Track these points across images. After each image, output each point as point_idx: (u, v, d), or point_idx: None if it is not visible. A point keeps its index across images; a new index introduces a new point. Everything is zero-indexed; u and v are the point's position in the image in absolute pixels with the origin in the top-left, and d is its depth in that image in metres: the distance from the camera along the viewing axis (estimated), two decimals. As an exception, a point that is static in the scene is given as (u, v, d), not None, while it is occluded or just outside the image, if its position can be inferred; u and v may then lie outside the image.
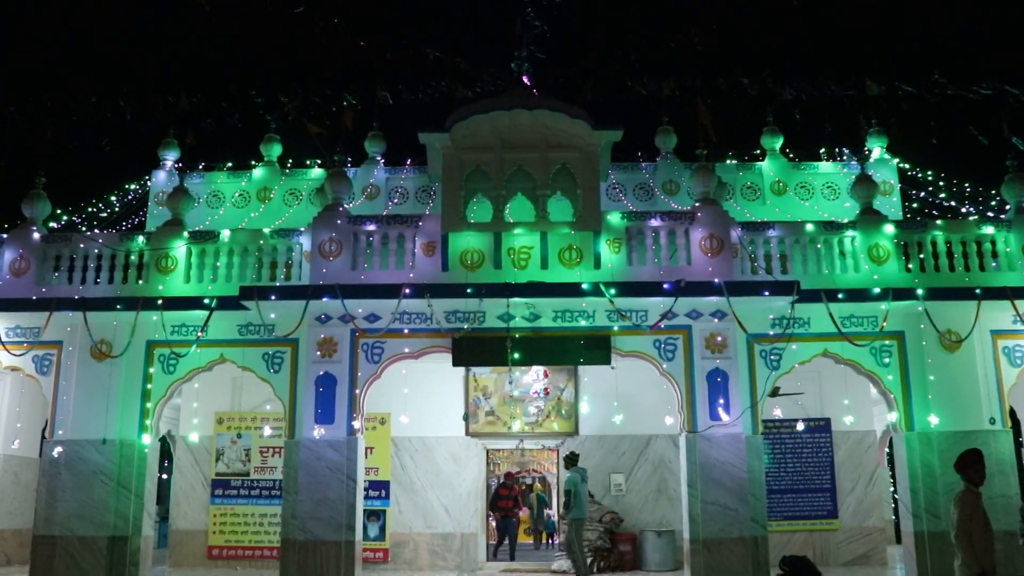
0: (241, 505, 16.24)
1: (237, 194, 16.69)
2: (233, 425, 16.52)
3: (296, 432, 12.80)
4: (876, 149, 16.87)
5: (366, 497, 15.79)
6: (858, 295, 12.75)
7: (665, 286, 12.32)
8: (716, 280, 12.49)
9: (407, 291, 12.26)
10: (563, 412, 16.19)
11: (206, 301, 12.87)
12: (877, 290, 12.75)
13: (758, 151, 16.88)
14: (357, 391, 12.79)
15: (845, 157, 16.73)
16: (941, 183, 16.16)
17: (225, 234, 13.74)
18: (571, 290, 12.32)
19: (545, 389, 14.35)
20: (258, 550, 16.00)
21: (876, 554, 15.84)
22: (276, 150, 17.11)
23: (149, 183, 17.16)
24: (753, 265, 13.21)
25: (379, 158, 16.68)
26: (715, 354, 12.76)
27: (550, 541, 24.74)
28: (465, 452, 16.18)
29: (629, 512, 15.82)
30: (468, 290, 12.25)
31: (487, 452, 16.49)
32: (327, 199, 13.72)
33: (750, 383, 12.96)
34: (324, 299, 12.36)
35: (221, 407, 16.48)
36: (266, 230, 13.79)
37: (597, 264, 12.90)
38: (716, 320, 12.83)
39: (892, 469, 16.31)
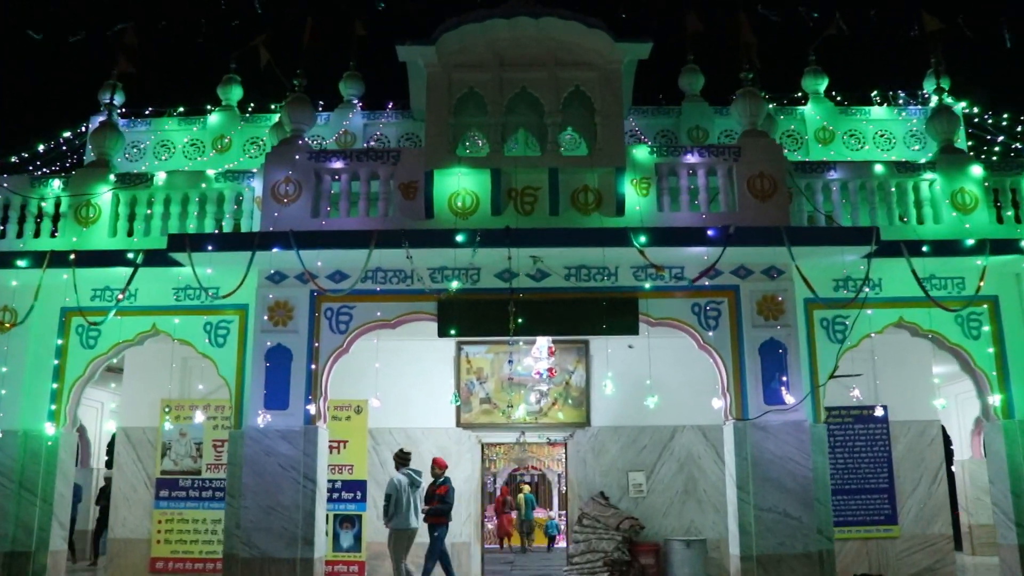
0: (191, 509, 13.07)
1: (188, 142, 13.56)
2: (183, 414, 13.44)
3: (242, 421, 9.77)
4: (938, 92, 13.86)
5: (338, 500, 12.77)
6: (947, 248, 9.77)
7: (710, 232, 9.28)
8: (774, 226, 9.51)
9: (379, 239, 9.25)
10: (571, 399, 13.19)
11: (130, 256, 9.84)
12: (971, 242, 9.78)
13: (799, 94, 13.87)
14: (317, 368, 9.76)
15: (901, 101, 13.73)
16: (1016, 129, 13.17)
17: (160, 177, 10.69)
18: (591, 237, 9.28)
19: (551, 370, 11.36)
20: (210, 562, 12.87)
21: (943, 567, 12.78)
22: (236, 93, 13.97)
23: (86, 130, 14.10)
24: (814, 213, 10.22)
25: (356, 101, 13.58)
26: (769, 321, 9.75)
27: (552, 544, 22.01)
28: (456, 446, 13.15)
29: (651, 517, 12.79)
30: (458, 237, 9.22)
31: (482, 447, 13.44)
32: (285, 132, 10.69)
33: (809, 359, 9.97)
34: (274, 249, 9.33)
35: (169, 392, 13.42)
36: (211, 172, 10.74)
37: (620, 210, 9.87)
38: (770, 279, 9.84)
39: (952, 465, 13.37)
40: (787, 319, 9.73)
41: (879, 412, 11.94)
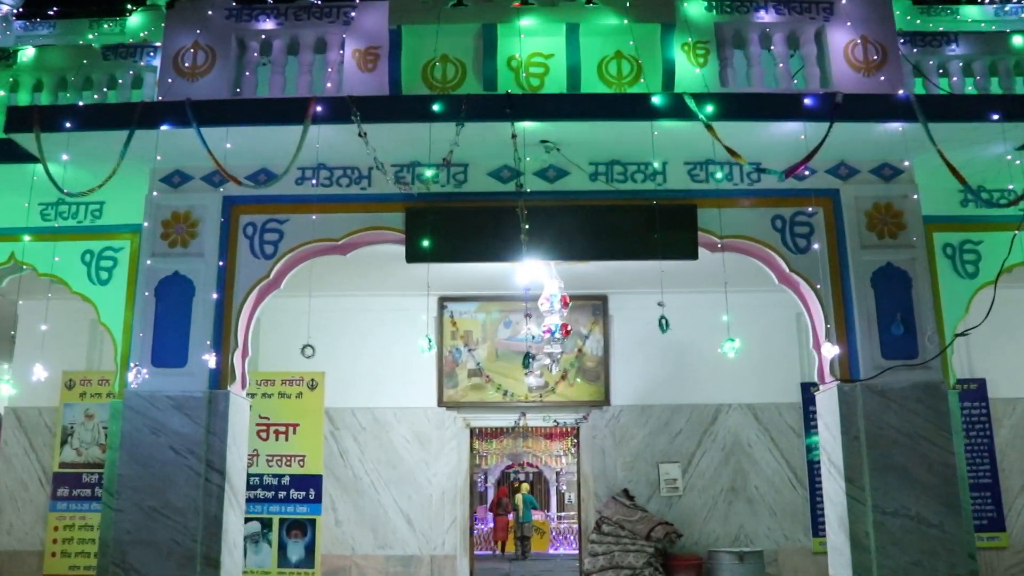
0: (97, 512, 9.73)
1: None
2: (89, 391, 10.11)
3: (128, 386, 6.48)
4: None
5: (286, 500, 9.52)
6: None
7: (807, 101, 6.03)
8: (900, 93, 6.30)
9: (319, 108, 5.98)
10: (585, 371, 9.92)
11: (-38, 148, 6.56)
12: None
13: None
14: (231, 307, 6.48)
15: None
16: None
17: (28, 53, 7.44)
18: (631, 107, 6.03)
19: (564, 326, 8.17)
20: (119, 582, 9.58)
21: (1063, 586, 9.59)
22: (163, -10, 10.73)
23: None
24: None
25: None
26: (885, 240, 6.50)
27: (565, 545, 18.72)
28: (438, 431, 9.86)
29: (690, 522, 9.51)
30: (434, 106, 5.96)
31: (471, 432, 10.13)
32: None
33: (931, 299, 6.74)
34: (164, 127, 6.03)
35: (72, 364, 10.11)
36: (97, 46, 7.51)
37: (668, 84, 6.61)
38: (883, 180, 6.62)
39: None
40: (910, 236, 6.48)
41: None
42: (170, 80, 6.50)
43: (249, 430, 9.53)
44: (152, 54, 7.24)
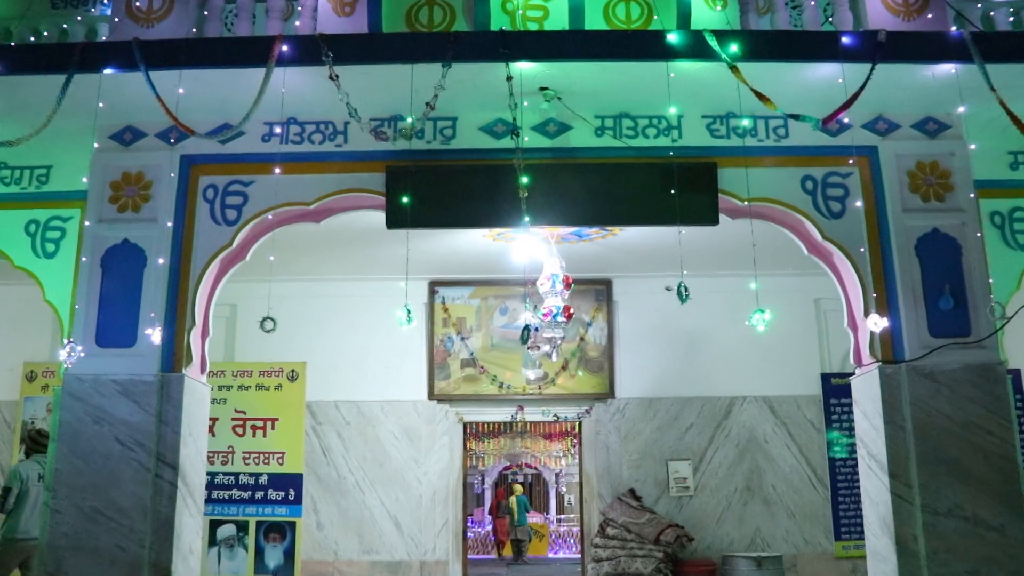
0: (59, 515, 8.95)
1: None
2: (53, 383, 9.26)
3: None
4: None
5: (263, 501, 8.67)
6: None
7: (844, 39, 5.20)
8: (953, 29, 5.49)
9: (284, 48, 5.15)
10: (588, 361, 9.09)
11: None
12: None
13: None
14: (188, 279, 5.63)
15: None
16: None
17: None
18: (645, 45, 5.21)
19: (566, 308, 7.33)
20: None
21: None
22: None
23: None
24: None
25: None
26: (931, 203, 5.64)
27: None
28: (428, 426, 9.03)
29: (702, 524, 8.68)
30: (418, 44, 5.17)
31: (464, 427, 9.29)
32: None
33: (985, 268, 5.89)
34: (108, 70, 5.20)
35: (34, 354, 9.27)
36: (45, -7, 6.70)
37: (683, 25, 5.81)
38: (927, 136, 5.78)
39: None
40: (959, 199, 5.64)
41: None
42: (119, 21, 5.66)
43: (224, 425, 8.86)
44: (106, 1, 6.45)
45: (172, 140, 5.75)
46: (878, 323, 5.27)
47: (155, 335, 5.43)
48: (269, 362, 8.81)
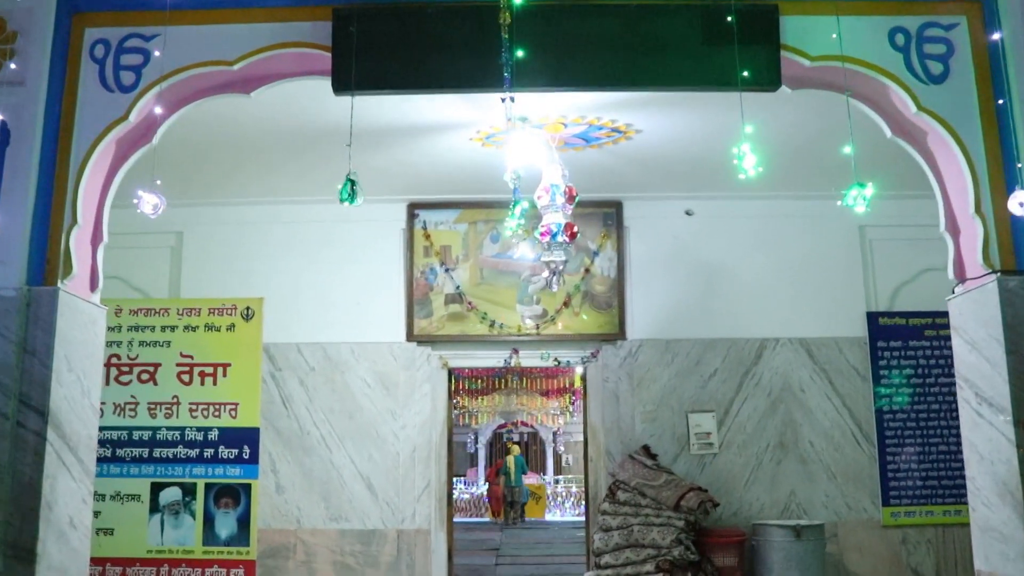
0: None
1: None
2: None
3: (-78, 286, 4.17)
4: None
5: (213, 460, 7.24)
6: None
7: None
8: None
9: None
10: (594, 297, 7.64)
11: None
12: None
13: None
14: (68, 162, 4.16)
15: None
16: None
17: None
18: None
19: (569, 227, 5.85)
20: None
21: None
22: None
23: None
24: None
25: None
26: (1063, 64, 4.22)
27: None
28: (407, 372, 7.59)
29: (728, 487, 7.29)
30: None
31: (449, 373, 7.85)
32: None
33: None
34: None
35: None
36: None
37: None
38: (1056, -21, 4.31)
39: None
40: (1103, 57, 4.18)
41: None
42: None
43: (168, 372, 7.41)
44: None
45: (47, -22, 4.22)
46: (1016, 205, 3.77)
47: (21, 237, 3.96)
48: (220, 298, 7.32)
